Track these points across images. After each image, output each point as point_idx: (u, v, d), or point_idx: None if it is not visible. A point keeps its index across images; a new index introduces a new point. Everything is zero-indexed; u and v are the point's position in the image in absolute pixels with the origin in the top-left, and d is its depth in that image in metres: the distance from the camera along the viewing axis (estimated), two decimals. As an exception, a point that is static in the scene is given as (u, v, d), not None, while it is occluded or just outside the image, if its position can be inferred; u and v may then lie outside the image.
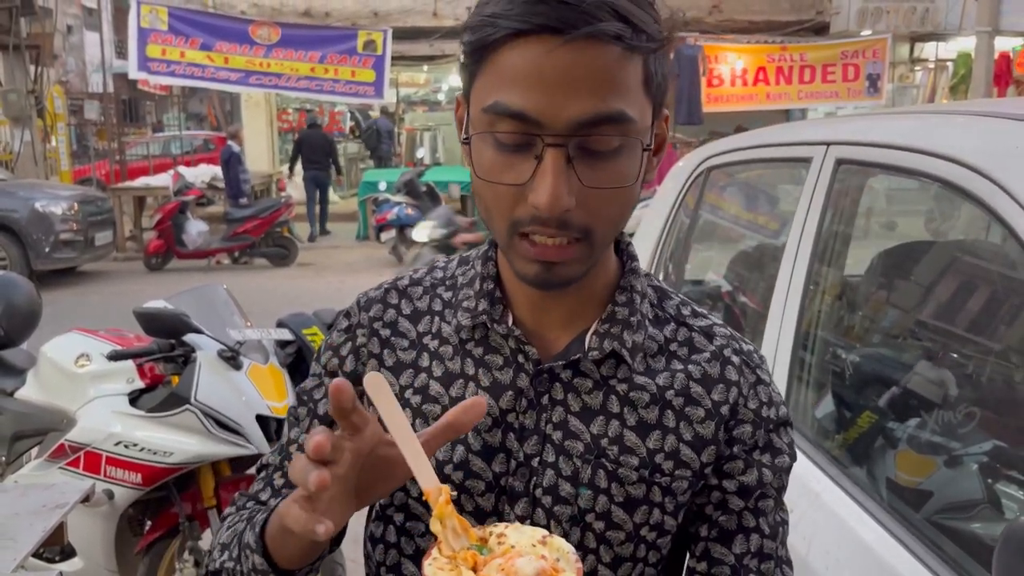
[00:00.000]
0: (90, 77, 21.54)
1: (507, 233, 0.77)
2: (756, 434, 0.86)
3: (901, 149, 1.44)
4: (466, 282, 0.90)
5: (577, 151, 0.73)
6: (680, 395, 0.85)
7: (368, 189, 11.80)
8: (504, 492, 0.84)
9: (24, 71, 11.93)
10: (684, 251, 2.51)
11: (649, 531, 0.84)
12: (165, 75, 10.64)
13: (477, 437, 0.84)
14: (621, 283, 0.87)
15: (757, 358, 0.89)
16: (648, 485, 0.83)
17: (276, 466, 0.94)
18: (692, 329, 0.89)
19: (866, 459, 1.66)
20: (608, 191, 0.75)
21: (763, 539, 0.85)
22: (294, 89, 10.93)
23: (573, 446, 0.83)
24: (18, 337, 3.19)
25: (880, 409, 1.72)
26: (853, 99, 11.88)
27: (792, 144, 1.85)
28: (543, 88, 0.71)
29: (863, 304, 1.93)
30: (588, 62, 0.71)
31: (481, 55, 0.75)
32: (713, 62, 11.78)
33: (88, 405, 2.77)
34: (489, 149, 0.75)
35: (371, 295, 0.93)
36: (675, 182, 2.61)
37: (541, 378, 0.84)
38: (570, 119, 0.71)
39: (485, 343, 0.86)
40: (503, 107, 0.73)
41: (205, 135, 17.47)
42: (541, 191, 0.72)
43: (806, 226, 1.68)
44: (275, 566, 0.79)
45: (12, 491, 2.18)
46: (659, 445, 0.83)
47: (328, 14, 13.79)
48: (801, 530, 1.43)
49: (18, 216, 8.76)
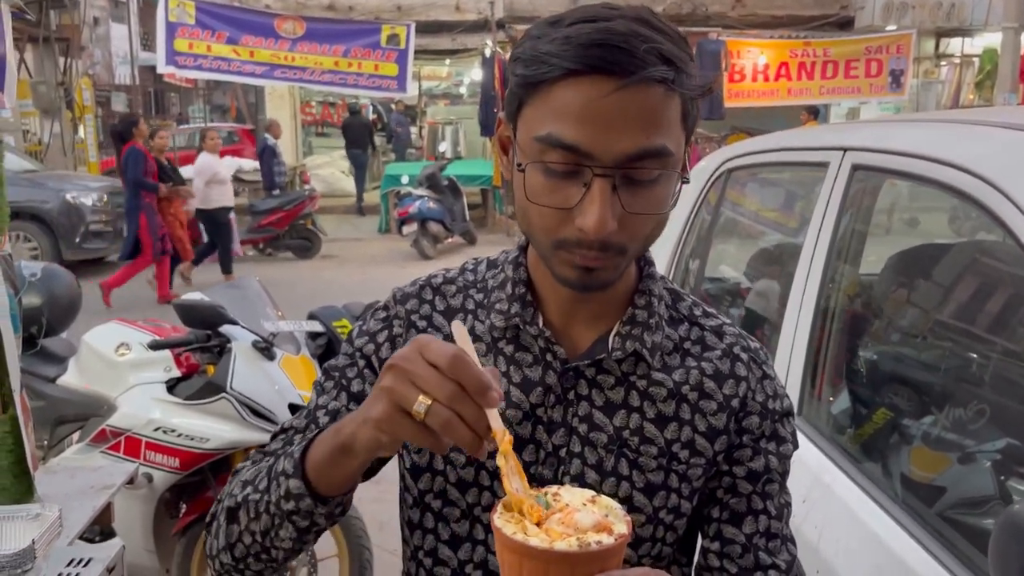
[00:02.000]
0: (116, 69, 21.77)
1: (550, 245, 0.85)
2: (763, 424, 0.94)
3: (915, 157, 1.50)
4: (497, 285, 0.97)
5: (621, 180, 0.81)
6: (695, 390, 0.93)
7: (390, 182, 11.90)
8: (534, 480, 0.91)
9: (53, 63, 12.14)
10: (704, 248, 2.58)
11: (667, 514, 0.92)
12: (192, 69, 10.76)
13: (509, 429, 0.91)
14: (640, 287, 0.95)
15: (763, 355, 0.98)
16: (666, 472, 0.91)
17: (299, 429, 0.98)
18: (704, 328, 0.97)
19: (881, 454, 1.72)
20: (647, 216, 0.83)
21: (770, 520, 0.93)
22: (318, 83, 11.03)
23: (597, 437, 0.91)
24: (59, 326, 3.31)
25: (895, 406, 1.78)
26: (875, 95, 11.81)
27: (810, 149, 1.91)
28: (596, 125, 0.78)
29: (879, 304, 1.99)
30: (638, 103, 0.78)
31: (533, 88, 0.82)
32: (735, 57, 11.74)
33: (128, 392, 2.88)
34: (539, 174, 0.83)
35: (406, 290, 1.00)
36: (696, 182, 2.67)
37: (568, 375, 0.92)
38: (619, 153, 0.79)
39: (516, 342, 0.94)
40: (557, 139, 0.80)
41: (229, 127, 17.62)
42: (589, 216, 0.80)
43: (822, 228, 1.75)
44: (313, 491, 0.83)
45: (61, 472, 2.29)
46: (676, 436, 0.92)
47: (352, 8, 13.88)
48: (813, 519, 1.50)
49: (49, 207, 8.93)
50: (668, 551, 0.94)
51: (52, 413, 3.08)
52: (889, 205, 1.86)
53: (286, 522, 0.85)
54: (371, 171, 16.05)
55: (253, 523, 0.87)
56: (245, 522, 0.88)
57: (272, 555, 0.89)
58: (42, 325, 3.20)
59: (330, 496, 0.84)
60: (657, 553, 0.93)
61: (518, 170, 0.85)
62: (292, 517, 0.84)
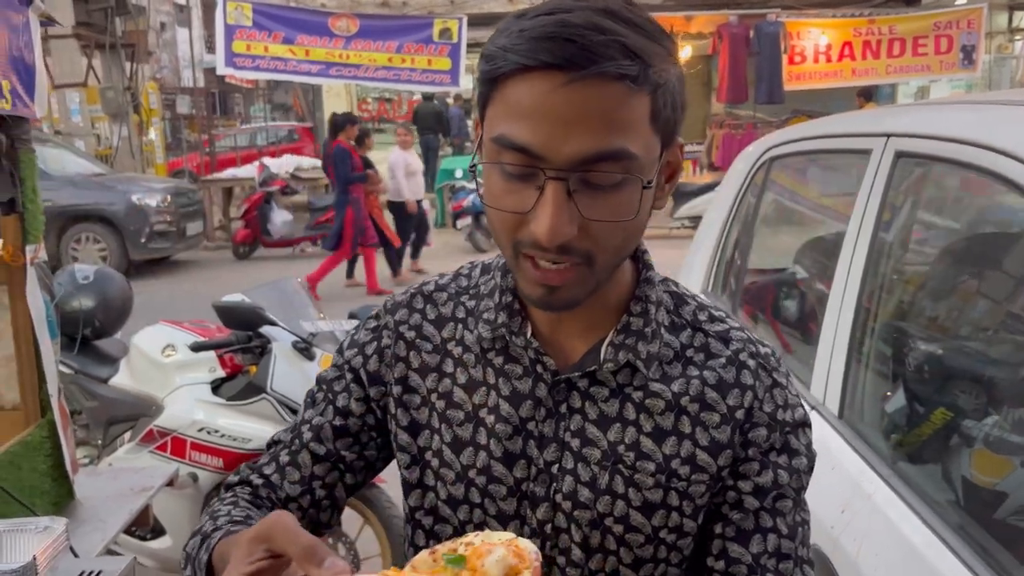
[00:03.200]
0: (182, 72, 22.38)
1: (512, 253, 0.80)
2: (771, 436, 0.86)
3: (961, 143, 1.39)
4: (487, 292, 0.92)
5: (578, 184, 0.74)
6: (695, 401, 0.86)
7: (445, 177, 11.93)
8: (525, 497, 0.87)
9: (120, 68, 12.50)
10: (749, 236, 2.48)
11: (668, 533, 0.86)
12: (250, 70, 10.95)
13: (498, 444, 0.87)
14: (636, 293, 0.88)
15: (774, 361, 0.90)
16: (665, 490, 0.85)
17: (286, 444, 0.96)
18: (708, 335, 0.90)
19: (938, 457, 1.62)
20: (610, 225, 0.76)
21: (781, 539, 0.85)
22: (372, 79, 11.10)
23: (591, 453, 0.85)
24: (112, 327, 3.40)
25: (955, 405, 1.68)
26: (946, 72, 11.32)
27: (852, 135, 1.81)
28: (546, 124, 0.72)
29: (932, 297, 1.88)
30: (591, 101, 0.72)
31: (492, 84, 0.77)
32: (795, 38, 11.37)
33: (174, 393, 2.93)
34: (496, 176, 0.78)
35: (398, 299, 0.97)
36: (742, 168, 2.58)
37: (559, 387, 0.86)
38: (571, 155, 0.73)
39: (505, 352, 0.89)
40: (508, 140, 0.74)
41: (289, 126, 17.95)
42: (541, 222, 0.74)
43: (865, 218, 1.65)
44: None
45: (104, 474, 2.34)
46: (675, 451, 0.85)
47: (405, 3, 13.96)
48: (852, 531, 1.41)
49: (116, 209, 9.21)
50: (674, 572, 0.88)
51: (105, 414, 3.16)
52: (935, 193, 1.74)
53: None
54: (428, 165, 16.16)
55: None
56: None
57: None
58: (95, 326, 3.28)
59: None
60: (661, 574, 0.87)
61: (469, 170, 0.81)
62: None
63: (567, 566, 0.86)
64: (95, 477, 2.24)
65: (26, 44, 1.82)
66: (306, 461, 0.94)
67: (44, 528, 1.14)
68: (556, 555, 0.87)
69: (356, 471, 0.95)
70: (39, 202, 1.94)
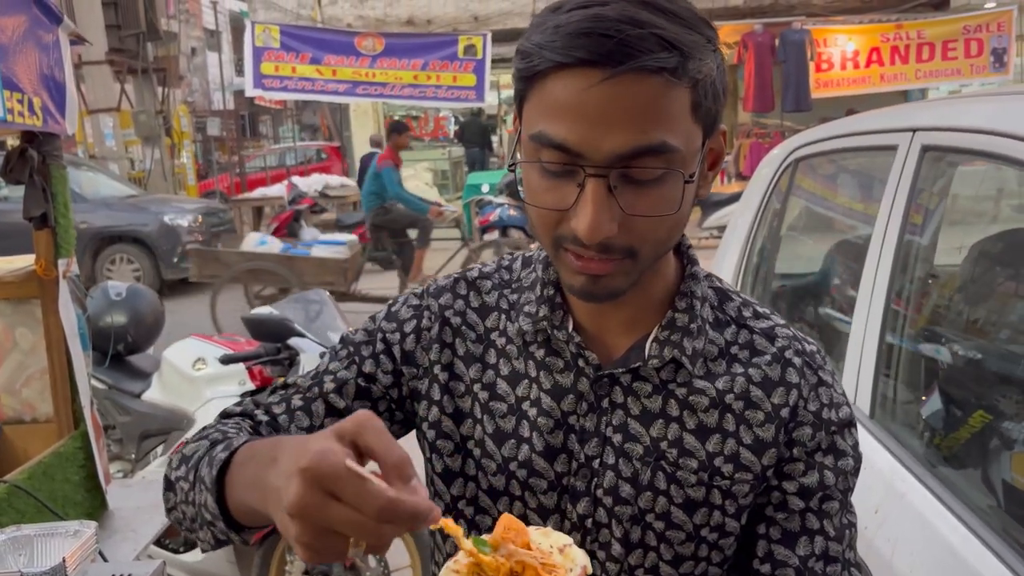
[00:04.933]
0: (212, 95, 22.76)
1: (553, 246, 0.79)
2: (817, 436, 0.84)
3: (986, 133, 1.37)
4: (528, 285, 0.91)
5: (619, 180, 0.73)
6: (740, 399, 0.85)
7: (472, 192, 11.98)
8: (566, 491, 0.86)
9: (152, 93, 12.76)
10: (775, 240, 2.46)
11: (710, 532, 0.85)
12: (279, 91, 11.09)
13: (540, 438, 0.86)
14: (681, 288, 0.87)
15: (820, 359, 0.88)
16: (707, 488, 0.84)
17: (301, 389, 0.92)
18: (753, 331, 0.88)
19: (977, 460, 1.58)
20: (652, 219, 0.75)
21: (828, 541, 0.84)
22: (398, 97, 11.21)
23: (633, 448, 0.84)
24: (144, 343, 3.45)
25: (993, 407, 1.64)
26: (977, 76, 11.16)
27: (878, 132, 1.78)
28: (584, 122, 0.71)
29: (966, 295, 1.84)
30: (629, 96, 0.70)
31: (529, 82, 0.76)
32: (822, 46, 11.30)
33: (205, 406, 2.96)
34: (535, 174, 0.77)
35: (440, 283, 0.95)
36: (767, 171, 2.56)
37: (601, 382, 0.85)
38: (610, 152, 0.72)
39: (547, 345, 0.88)
40: (547, 138, 0.74)
41: (317, 145, 18.15)
42: (582, 219, 0.73)
43: (892, 215, 1.62)
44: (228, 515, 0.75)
45: (136, 486, 2.36)
46: (719, 449, 0.84)
47: (430, 21, 14.10)
48: (885, 532, 1.38)
49: (149, 229, 9.37)
50: (716, 571, 0.87)
51: (138, 428, 3.20)
52: (964, 187, 1.71)
53: (206, 527, 0.79)
54: (455, 180, 16.28)
55: (183, 505, 0.82)
56: (180, 499, 0.83)
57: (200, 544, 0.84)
58: (128, 342, 3.33)
59: (247, 526, 0.76)
60: (702, 573, 0.86)
61: (508, 169, 0.80)
62: (211, 527, 0.78)
63: (607, 561, 0.86)
64: (127, 488, 2.26)
65: (56, 62, 1.86)
66: (319, 411, 0.90)
67: (74, 532, 1.15)
68: (596, 550, 0.86)
69: None
70: (71, 217, 1.98)
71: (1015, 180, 1.55)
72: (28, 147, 1.85)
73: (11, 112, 1.69)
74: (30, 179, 1.86)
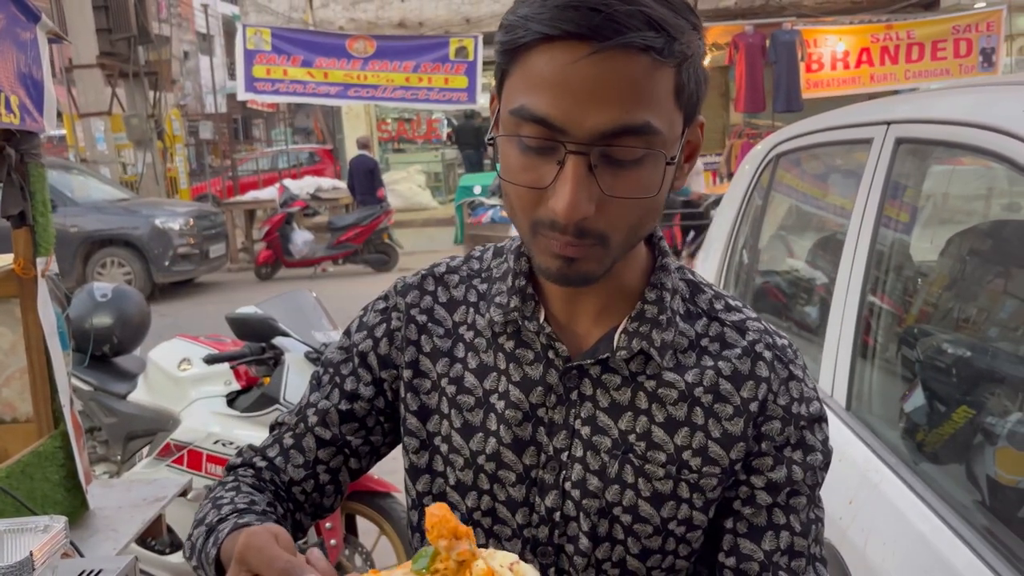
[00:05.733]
0: (205, 99, 22.74)
1: (529, 228, 0.78)
2: (786, 430, 0.84)
3: (959, 124, 1.37)
4: (499, 276, 0.90)
5: (600, 159, 0.73)
6: (709, 392, 0.84)
7: (464, 193, 11.99)
8: (535, 484, 0.86)
9: (144, 97, 12.73)
10: (757, 236, 2.47)
11: (677, 525, 0.84)
12: (270, 94, 11.09)
13: (508, 430, 0.86)
14: (651, 279, 0.87)
15: (791, 353, 0.88)
16: (675, 481, 0.83)
17: (290, 426, 0.94)
18: (724, 324, 0.88)
19: (959, 455, 1.58)
20: (629, 203, 0.74)
21: (794, 536, 0.84)
22: (390, 99, 11.21)
23: (601, 441, 0.84)
24: (130, 344, 3.43)
25: (975, 403, 1.64)
26: (965, 75, 11.20)
27: (854, 126, 1.79)
28: (568, 96, 0.70)
29: (942, 288, 1.84)
30: (615, 73, 0.70)
31: (512, 56, 0.75)
32: (812, 46, 11.33)
33: (190, 406, 2.95)
34: (514, 150, 0.76)
35: (408, 281, 0.95)
36: (749, 168, 2.57)
37: (570, 374, 0.85)
38: (593, 129, 0.71)
39: (517, 337, 0.87)
40: (528, 112, 0.73)
41: (310, 148, 18.15)
42: (560, 198, 0.72)
43: (867, 208, 1.63)
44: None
45: (119, 486, 2.35)
46: (687, 442, 0.84)
47: (422, 24, 14.10)
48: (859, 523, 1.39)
49: (140, 233, 9.35)
50: (684, 564, 0.87)
51: (124, 429, 3.18)
52: (936, 180, 1.72)
53: None
54: (448, 183, 16.31)
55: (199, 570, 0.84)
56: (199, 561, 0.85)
57: None
58: (113, 343, 3.32)
59: None
60: (670, 566, 0.86)
61: (488, 143, 0.80)
62: None
63: (575, 555, 0.85)
64: (109, 488, 2.25)
65: (34, 60, 1.85)
66: (310, 445, 0.92)
67: (44, 527, 1.15)
68: (564, 543, 0.86)
69: (361, 456, 0.94)
70: (49, 215, 1.97)
71: (991, 172, 1.56)
72: (5, 145, 1.84)
73: (-13, 110, 1.68)
74: (8, 177, 1.85)
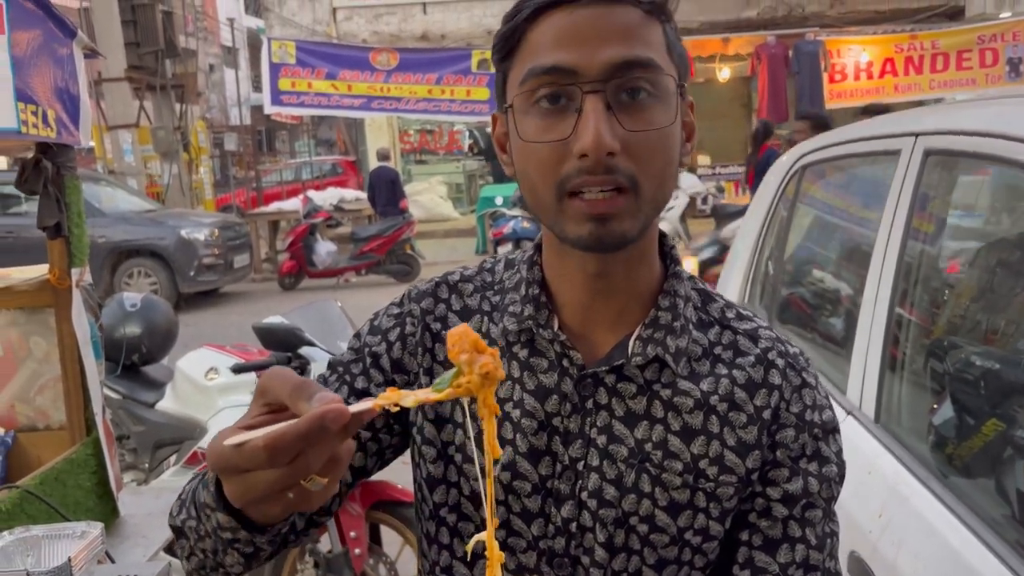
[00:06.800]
0: (230, 111, 23.00)
1: (556, 196, 0.79)
2: (800, 438, 0.84)
3: (987, 136, 1.37)
4: (512, 286, 0.90)
5: (615, 98, 0.77)
6: (724, 400, 0.84)
7: (486, 204, 12.03)
8: (550, 494, 0.85)
9: (171, 109, 12.92)
10: (781, 248, 2.46)
11: (694, 535, 0.84)
12: (295, 106, 11.21)
13: (524, 440, 0.85)
14: (664, 287, 0.87)
15: (803, 361, 0.88)
16: (692, 490, 0.83)
17: None
18: (736, 332, 0.88)
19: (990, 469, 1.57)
20: (651, 138, 0.77)
21: (809, 550, 0.83)
22: (413, 111, 11.28)
23: (617, 450, 0.84)
24: (158, 353, 3.48)
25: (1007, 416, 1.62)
26: (992, 85, 11.08)
27: (881, 137, 1.79)
28: (574, 42, 0.76)
29: (971, 299, 1.83)
30: (613, 17, 0.77)
31: (513, 46, 0.81)
32: (835, 56, 11.27)
33: (217, 415, 2.99)
34: (530, 117, 0.79)
35: (422, 288, 0.95)
36: (774, 179, 2.56)
37: (585, 382, 0.85)
38: (604, 63, 0.76)
39: (531, 346, 0.87)
40: (539, 68, 0.77)
41: (333, 159, 18.29)
42: (585, 135, 0.75)
43: (895, 220, 1.62)
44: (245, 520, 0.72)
45: (147, 494, 2.39)
46: (703, 451, 0.83)
47: (444, 36, 14.20)
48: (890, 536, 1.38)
49: (166, 243, 9.47)
50: (698, 575, 0.86)
51: (152, 438, 3.23)
52: (967, 191, 1.71)
53: (229, 548, 0.77)
54: (470, 193, 16.37)
55: (199, 543, 0.80)
56: (193, 541, 0.81)
57: (230, 571, 0.83)
58: (142, 353, 3.37)
59: (268, 524, 0.72)
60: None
61: (501, 112, 0.84)
62: (234, 545, 0.76)
63: (591, 566, 0.85)
64: (139, 496, 2.28)
65: (70, 75, 1.89)
66: None
67: (80, 533, 1.17)
68: (580, 554, 0.85)
69: (368, 453, 0.92)
70: (84, 227, 2.01)
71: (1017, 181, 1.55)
72: (42, 158, 1.88)
73: (25, 124, 1.72)
74: (44, 189, 1.89)
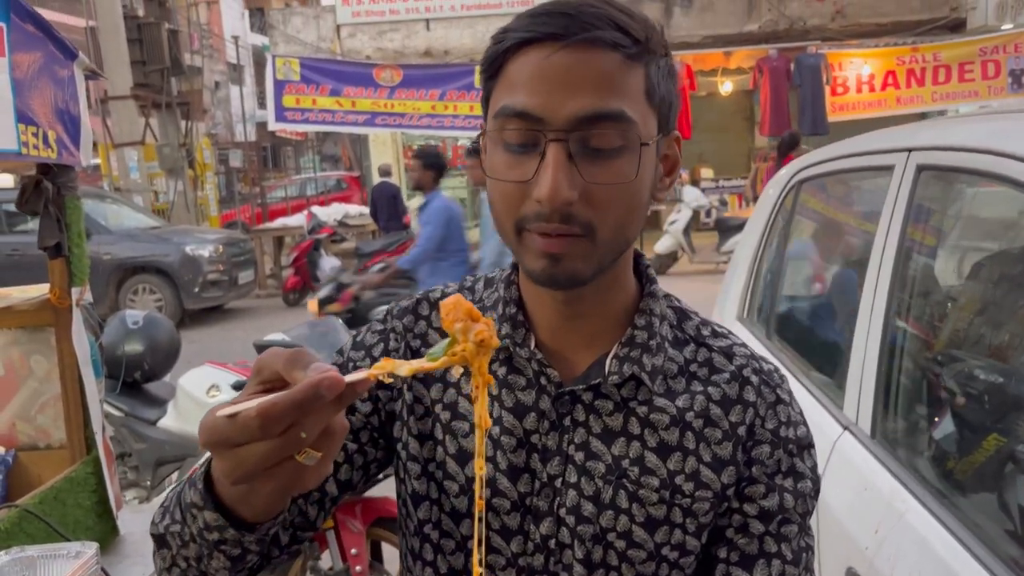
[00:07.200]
0: (235, 128, 23.14)
1: (515, 230, 0.80)
2: (775, 454, 0.85)
3: (979, 152, 1.37)
4: (490, 304, 0.92)
5: (579, 148, 0.76)
6: (700, 417, 0.85)
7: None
8: (529, 511, 0.86)
9: (176, 126, 13.00)
10: (780, 262, 2.46)
11: (671, 551, 0.85)
12: (300, 123, 11.28)
13: (504, 457, 0.86)
14: (640, 306, 0.88)
15: (777, 378, 0.89)
16: (669, 506, 0.84)
17: None
18: (712, 349, 0.89)
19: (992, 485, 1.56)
20: (612, 189, 0.77)
21: (785, 565, 0.84)
22: (416, 127, 11.34)
23: (595, 467, 0.84)
24: (161, 371, 3.50)
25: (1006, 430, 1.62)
26: (995, 97, 11.09)
27: (875, 152, 1.79)
28: (544, 88, 0.76)
29: (968, 313, 1.83)
30: (587, 64, 0.75)
31: (495, 72, 0.81)
32: (837, 69, 11.29)
33: (219, 432, 2.99)
34: (499, 152, 0.80)
35: (403, 305, 0.97)
36: (772, 193, 2.57)
37: (563, 400, 0.86)
38: (570, 115, 0.75)
39: (509, 364, 0.89)
40: (509, 108, 0.77)
41: (337, 175, 18.37)
42: (543, 183, 0.75)
43: (889, 235, 1.63)
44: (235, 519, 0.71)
45: (148, 511, 2.39)
46: (679, 467, 0.84)
47: (447, 52, 14.27)
48: (886, 552, 1.37)
49: (171, 260, 9.51)
50: None
51: (154, 455, 3.23)
52: (960, 206, 1.71)
53: (215, 552, 0.76)
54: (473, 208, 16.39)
55: (183, 550, 0.79)
56: (176, 549, 0.79)
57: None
58: (144, 370, 3.38)
59: (257, 522, 0.71)
60: None
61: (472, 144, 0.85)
62: (220, 547, 0.75)
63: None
64: (139, 514, 2.29)
65: (71, 96, 1.91)
66: None
67: (75, 553, 1.18)
68: (559, 571, 0.86)
69: (354, 466, 0.92)
70: (84, 247, 2.03)
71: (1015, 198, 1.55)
72: (43, 179, 1.90)
73: (26, 145, 1.74)
74: (45, 210, 1.91)
